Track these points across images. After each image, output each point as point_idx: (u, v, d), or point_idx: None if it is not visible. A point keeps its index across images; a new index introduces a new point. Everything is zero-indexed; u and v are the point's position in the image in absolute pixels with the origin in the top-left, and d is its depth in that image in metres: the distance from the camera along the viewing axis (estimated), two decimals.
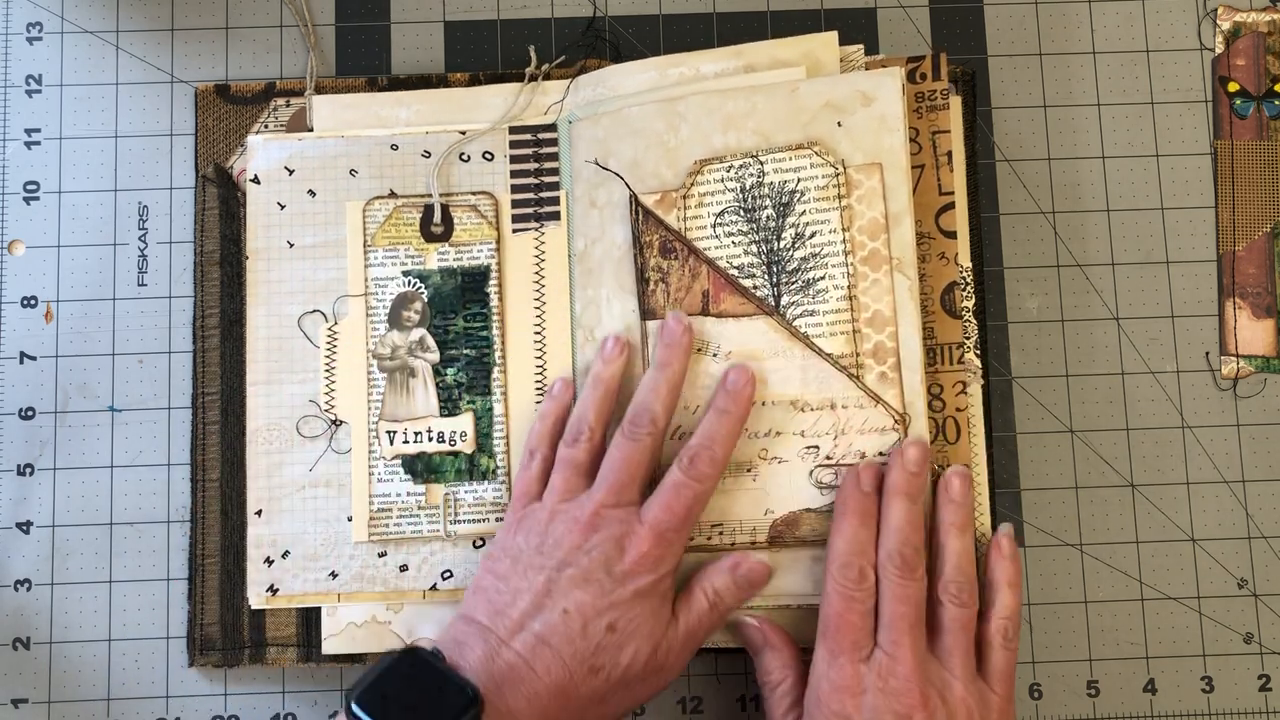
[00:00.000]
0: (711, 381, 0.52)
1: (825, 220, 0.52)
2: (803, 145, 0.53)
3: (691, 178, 0.54)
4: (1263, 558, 0.58)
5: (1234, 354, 0.59)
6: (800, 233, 0.52)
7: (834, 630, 0.48)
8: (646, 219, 0.54)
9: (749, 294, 0.53)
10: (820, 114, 0.53)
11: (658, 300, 0.54)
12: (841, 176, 0.52)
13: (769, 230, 0.53)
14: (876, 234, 0.52)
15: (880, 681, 0.47)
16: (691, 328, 0.52)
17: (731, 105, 0.54)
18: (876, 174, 0.52)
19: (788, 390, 0.52)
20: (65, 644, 0.56)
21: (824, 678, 0.48)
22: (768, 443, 0.52)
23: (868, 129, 0.52)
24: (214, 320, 0.57)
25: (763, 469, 0.52)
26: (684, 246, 0.53)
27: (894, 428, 0.51)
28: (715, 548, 0.52)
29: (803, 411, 0.52)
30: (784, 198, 0.53)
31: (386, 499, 0.55)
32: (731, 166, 0.53)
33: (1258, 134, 0.60)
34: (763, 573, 0.51)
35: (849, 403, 0.51)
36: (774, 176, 0.53)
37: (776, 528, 0.52)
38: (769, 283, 0.53)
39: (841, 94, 0.53)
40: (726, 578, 0.51)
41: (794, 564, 0.52)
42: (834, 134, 0.52)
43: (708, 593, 0.50)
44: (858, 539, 0.49)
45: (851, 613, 0.48)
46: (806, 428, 0.52)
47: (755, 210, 0.53)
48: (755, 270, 0.53)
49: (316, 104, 0.58)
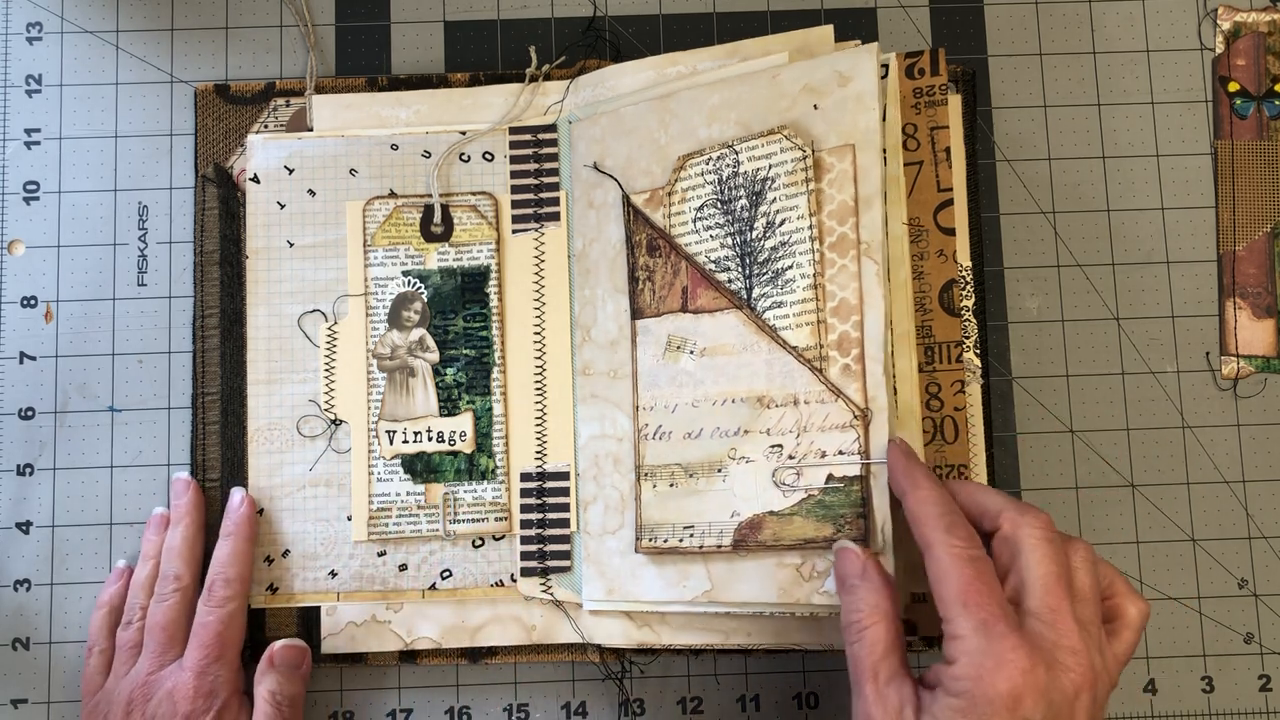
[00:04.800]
0: (688, 380, 0.52)
1: (794, 206, 0.51)
2: (774, 130, 0.51)
3: (675, 174, 0.53)
4: (1263, 558, 0.58)
5: (1234, 354, 0.59)
6: (771, 221, 0.51)
7: (975, 598, 0.41)
8: (636, 218, 0.54)
9: (722, 288, 0.52)
10: (799, 98, 0.51)
11: (645, 299, 0.53)
12: (809, 159, 0.50)
13: (743, 221, 0.52)
14: (845, 218, 0.50)
15: (1049, 656, 0.41)
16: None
17: (716, 97, 0.53)
18: (849, 156, 0.50)
19: (755, 386, 0.51)
20: (65, 644, 0.56)
21: (986, 655, 0.40)
22: (736, 441, 0.51)
23: (844, 110, 0.50)
24: (214, 320, 0.57)
25: (731, 469, 0.51)
26: (666, 243, 0.53)
27: (854, 424, 0.49)
28: (686, 550, 0.51)
29: (768, 408, 0.50)
30: (756, 186, 0.51)
31: (386, 498, 0.55)
32: (710, 159, 0.53)
33: (1258, 134, 0.60)
34: (295, 651, 0.54)
35: (811, 398, 0.49)
36: (748, 165, 0.52)
37: (741, 531, 0.50)
38: (742, 275, 0.51)
39: (820, 76, 0.51)
40: (270, 674, 0.53)
41: (757, 571, 0.50)
42: (809, 117, 0.51)
43: (266, 696, 0.52)
44: (944, 497, 0.44)
45: (984, 576, 0.42)
46: (771, 425, 0.50)
47: (731, 201, 0.52)
48: (730, 263, 0.52)
49: (316, 104, 0.58)
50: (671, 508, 0.52)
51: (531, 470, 0.56)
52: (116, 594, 0.55)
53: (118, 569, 0.56)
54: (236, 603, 0.53)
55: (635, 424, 0.53)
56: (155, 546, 0.55)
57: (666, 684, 0.57)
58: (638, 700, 0.57)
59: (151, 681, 0.52)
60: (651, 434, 0.53)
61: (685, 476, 0.52)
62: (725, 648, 0.53)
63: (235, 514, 0.55)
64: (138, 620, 0.54)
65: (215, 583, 0.53)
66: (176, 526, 0.55)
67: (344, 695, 0.56)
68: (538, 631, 0.55)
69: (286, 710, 0.52)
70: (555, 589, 0.55)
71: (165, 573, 0.54)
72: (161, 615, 0.53)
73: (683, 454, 0.52)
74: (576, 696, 0.57)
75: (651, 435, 0.53)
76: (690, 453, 0.52)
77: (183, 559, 0.54)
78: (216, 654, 0.52)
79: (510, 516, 0.56)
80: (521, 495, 0.56)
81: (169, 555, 0.54)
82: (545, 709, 0.57)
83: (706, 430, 0.51)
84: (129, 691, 0.52)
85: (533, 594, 0.55)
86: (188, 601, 0.53)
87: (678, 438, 0.52)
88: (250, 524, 0.55)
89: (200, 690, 0.51)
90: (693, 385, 0.52)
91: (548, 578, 0.55)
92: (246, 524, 0.54)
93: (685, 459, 0.52)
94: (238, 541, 0.54)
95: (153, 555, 0.55)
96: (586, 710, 0.57)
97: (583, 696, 0.57)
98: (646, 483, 0.53)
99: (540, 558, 0.55)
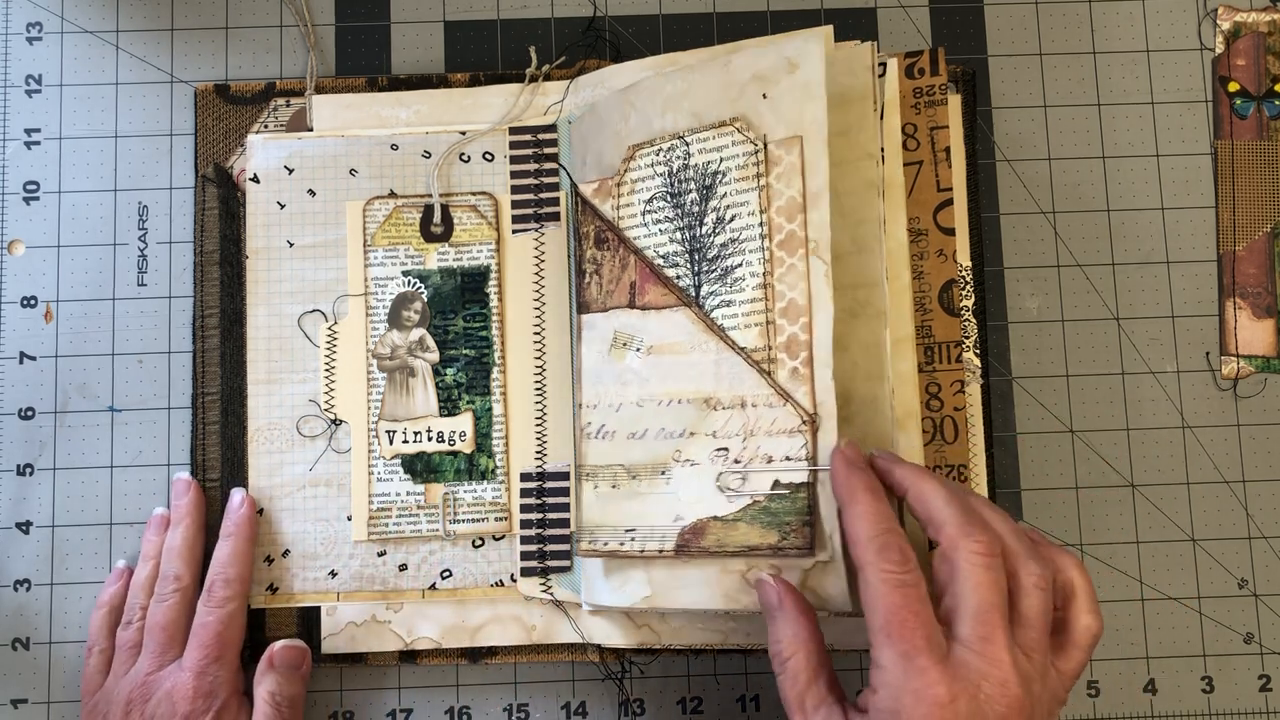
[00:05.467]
0: (633, 378, 0.50)
1: (745, 202, 0.48)
2: (725, 122, 0.49)
3: (625, 164, 0.52)
4: (1263, 558, 0.58)
5: (1234, 354, 0.59)
6: (721, 216, 0.49)
7: (899, 629, 0.40)
8: (584, 209, 0.52)
9: (671, 284, 0.50)
10: (748, 87, 0.49)
11: (592, 294, 0.52)
12: (761, 153, 0.48)
13: (693, 215, 0.50)
14: (794, 215, 0.47)
15: (973, 688, 0.40)
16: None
17: (670, 86, 0.51)
18: (797, 148, 0.47)
19: (702, 387, 0.49)
20: (65, 644, 0.56)
21: (904, 690, 0.40)
22: (681, 443, 0.49)
23: (792, 99, 0.48)
24: (214, 320, 0.57)
25: (675, 471, 0.49)
26: (614, 236, 0.52)
27: (801, 429, 0.47)
28: (626, 554, 0.50)
29: (715, 410, 0.48)
30: (707, 180, 0.49)
31: (386, 498, 0.55)
32: (660, 149, 0.51)
33: (1258, 134, 0.60)
34: (295, 652, 0.54)
35: (759, 401, 0.47)
36: (698, 158, 0.50)
37: (684, 536, 0.48)
38: (691, 271, 0.50)
39: (768, 64, 0.48)
40: (270, 675, 0.53)
41: (701, 577, 0.48)
42: (758, 107, 0.48)
43: (265, 697, 0.53)
44: (881, 514, 0.43)
45: (911, 604, 0.41)
46: (718, 428, 0.48)
47: (681, 195, 0.50)
48: (679, 259, 0.50)
49: (316, 104, 0.58)
50: (612, 510, 0.51)
51: (531, 470, 0.56)
52: (116, 594, 0.55)
53: (118, 569, 0.56)
54: (236, 603, 0.53)
55: (577, 422, 0.52)
56: (155, 547, 0.55)
57: (666, 684, 0.57)
58: (638, 700, 0.57)
59: (151, 681, 0.52)
60: (594, 433, 0.51)
61: (627, 478, 0.50)
62: (725, 648, 0.53)
63: (235, 514, 0.55)
64: (137, 620, 0.54)
65: (215, 583, 0.53)
66: (177, 527, 0.55)
67: (344, 695, 0.56)
68: (538, 631, 0.55)
69: (286, 711, 0.52)
70: (555, 589, 0.55)
71: (165, 573, 0.54)
72: (161, 615, 0.53)
73: (626, 454, 0.50)
74: (576, 696, 0.57)
75: (594, 434, 0.51)
76: (633, 453, 0.50)
77: (182, 559, 0.54)
78: (216, 654, 0.52)
79: (510, 516, 0.56)
80: (521, 495, 0.56)
81: (169, 555, 0.54)
82: (545, 709, 0.57)
83: (651, 431, 0.50)
84: (128, 691, 0.52)
85: (533, 594, 0.55)
86: (187, 602, 0.53)
87: (621, 437, 0.51)
88: (250, 524, 0.55)
89: (199, 690, 0.51)
90: (638, 384, 0.50)
91: (548, 578, 0.55)
92: (246, 524, 0.54)
93: (628, 459, 0.50)
94: (238, 542, 0.54)
95: (153, 555, 0.55)
96: (586, 710, 0.57)
97: (583, 696, 0.57)
98: (588, 483, 0.51)
99: (540, 558, 0.55)
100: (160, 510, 0.56)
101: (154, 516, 0.56)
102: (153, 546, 0.55)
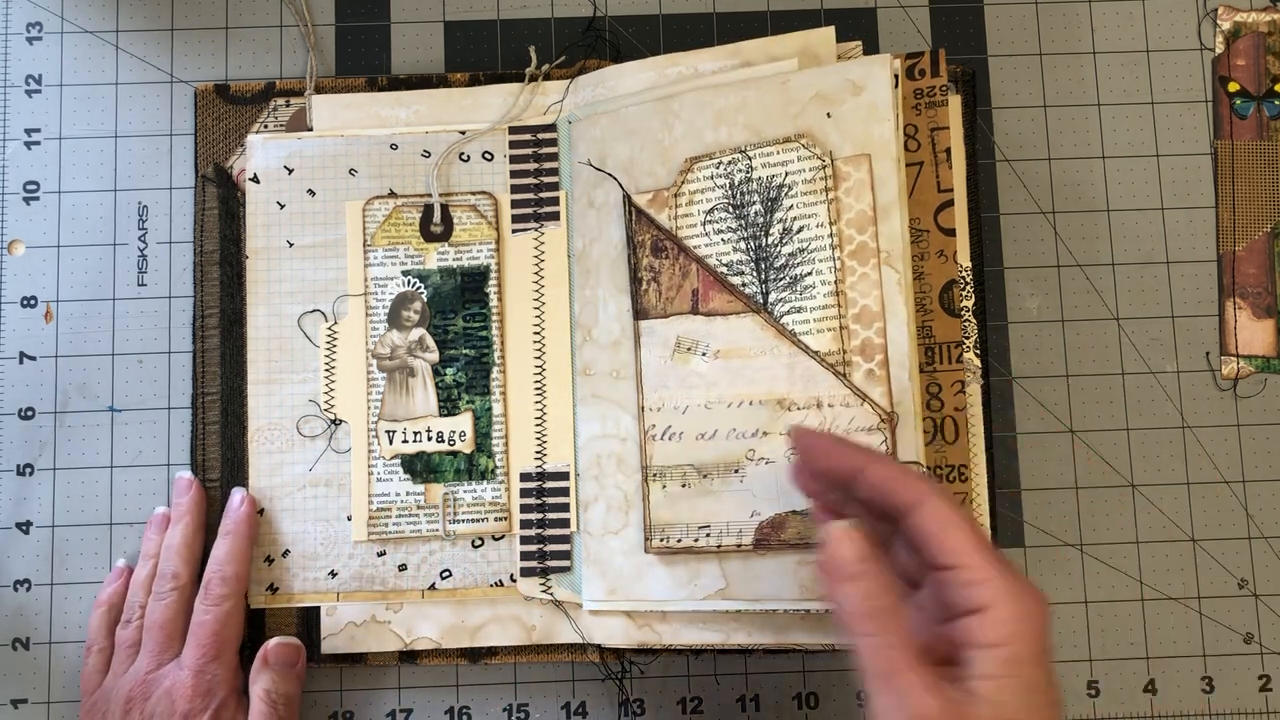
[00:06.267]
0: (699, 381, 0.52)
1: (813, 214, 0.51)
2: (790, 138, 0.52)
3: (682, 175, 0.53)
4: (1263, 558, 0.58)
5: (1234, 354, 0.59)
6: (788, 227, 0.51)
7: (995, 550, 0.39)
8: (639, 218, 0.54)
9: (737, 291, 0.52)
10: (810, 105, 0.52)
11: (650, 300, 0.53)
12: (829, 169, 0.51)
13: (757, 226, 0.52)
14: (865, 227, 0.50)
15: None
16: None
17: (723, 100, 0.53)
18: (865, 165, 0.50)
19: (775, 389, 0.51)
20: (65, 644, 0.56)
21: (1014, 587, 0.37)
22: (755, 443, 0.51)
23: (857, 119, 0.51)
24: (214, 320, 0.57)
25: (750, 470, 0.51)
26: (674, 245, 0.53)
27: (880, 426, 0.50)
28: (702, 550, 0.52)
29: (789, 411, 0.51)
30: (772, 192, 0.52)
31: (386, 498, 0.55)
32: (720, 163, 0.53)
33: (1258, 134, 0.60)
34: (289, 649, 0.54)
35: (835, 401, 0.50)
36: (762, 171, 0.52)
37: (762, 530, 0.51)
38: (757, 279, 0.52)
39: (831, 84, 0.51)
40: (265, 673, 0.53)
41: (780, 568, 0.51)
42: (823, 125, 0.51)
43: (261, 695, 0.52)
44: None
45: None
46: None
47: (744, 206, 0.52)
48: (744, 267, 0.52)
49: (316, 104, 0.58)
50: (683, 508, 0.52)
51: (531, 470, 0.56)
52: (116, 593, 0.55)
53: (117, 568, 0.56)
54: (233, 601, 0.53)
55: (641, 425, 0.53)
56: (155, 545, 0.55)
57: (666, 684, 0.57)
58: (638, 700, 0.57)
59: (150, 680, 0.52)
60: (660, 435, 0.53)
61: (698, 477, 0.52)
62: (725, 648, 0.53)
63: (235, 513, 0.55)
64: (136, 619, 0.54)
65: (212, 581, 0.53)
66: (176, 525, 0.55)
67: (344, 695, 0.56)
68: (538, 631, 0.55)
69: (282, 709, 0.52)
70: (555, 589, 0.55)
71: (163, 571, 0.54)
72: (159, 614, 0.53)
73: (695, 454, 0.52)
74: (576, 696, 0.57)
75: (660, 436, 0.53)
76: (704, 453, 0.52)
77: (181, 557, 0.54)
78: (214, 652, 0.52)
79: (510, 516, 0.56)
80: (521, 495, 0.56)
81: (168, 554, 0.54)
82: (545, 709, 0.57)
83: (721, 431, 0.52)
84: (127, 690, 0.52)
85: (532, 594, 0.55)
86: (185, 600, 0.53)
87: (689, 438, 0.52)
88: (249, 523, 0.55)
89: (198, 689, 0.51)
90: (705, 387, 0.52)
91: (547, 578, 0.55)
92: (245, 523, 0.54)
93: (698, 459, 0.52)
94: (236, 540, 0.54)
95: (153, 554, 0.55)
96: (586, 710, 0.57)
97: (583, 696, 0.57)
98: (655, 483, 0.53)
99: (540, 558, 0.55)
100: (161, 509, 0.56)
101: (155, 515, 0.56)
102: (153, 545, 0.55)
